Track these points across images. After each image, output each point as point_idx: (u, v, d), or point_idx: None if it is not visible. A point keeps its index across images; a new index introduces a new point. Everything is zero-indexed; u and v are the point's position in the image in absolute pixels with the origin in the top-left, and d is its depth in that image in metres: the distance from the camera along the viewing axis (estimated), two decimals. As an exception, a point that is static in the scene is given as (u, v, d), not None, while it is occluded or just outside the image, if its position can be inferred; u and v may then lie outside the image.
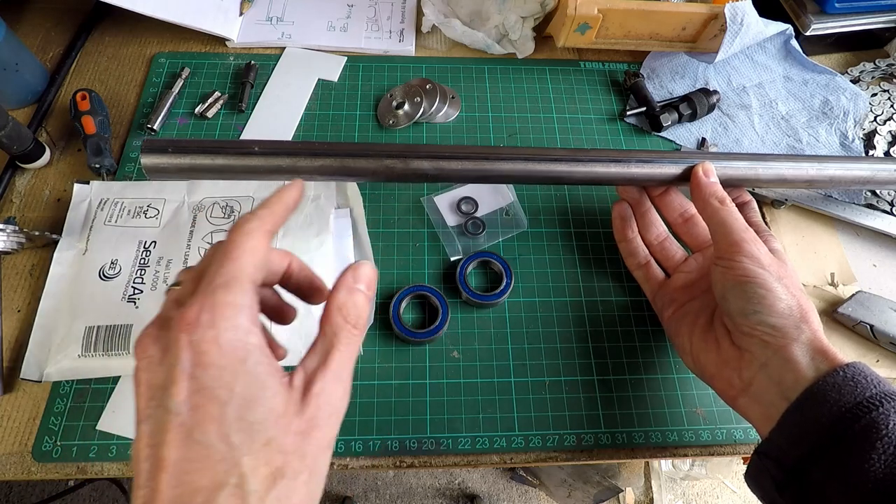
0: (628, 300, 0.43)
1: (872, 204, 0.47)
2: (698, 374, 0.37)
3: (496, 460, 0.38)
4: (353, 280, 0.27)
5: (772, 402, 0.31)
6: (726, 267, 0.34)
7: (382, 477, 1.21)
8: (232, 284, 0.23)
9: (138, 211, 0.43)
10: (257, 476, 0.21)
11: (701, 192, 0.36)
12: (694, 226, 0.41)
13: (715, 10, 0.49)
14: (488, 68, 0.55)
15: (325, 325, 0.25)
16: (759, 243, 0.34)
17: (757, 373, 0.32)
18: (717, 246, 0.35)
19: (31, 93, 0.49)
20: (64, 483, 1.09)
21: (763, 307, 0.32)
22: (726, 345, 0.34)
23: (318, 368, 0.24)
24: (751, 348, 0.32)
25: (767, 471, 0.30)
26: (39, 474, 0.36)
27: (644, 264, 0.42)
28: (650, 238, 0.43)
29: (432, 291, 0.41)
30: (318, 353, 0.25)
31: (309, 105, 0.51)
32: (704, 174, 0.37)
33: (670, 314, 0.39)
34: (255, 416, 0.22)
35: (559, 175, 0.37)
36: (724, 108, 0.53)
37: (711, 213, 0.36)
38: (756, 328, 0.32)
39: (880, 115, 0.52)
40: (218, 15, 0.53)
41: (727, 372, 0.34)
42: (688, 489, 1.25)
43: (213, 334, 0.21)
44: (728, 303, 0.34)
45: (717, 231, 0.35)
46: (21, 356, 0.38)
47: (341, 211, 0.44)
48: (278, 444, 0.22)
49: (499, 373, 0.40)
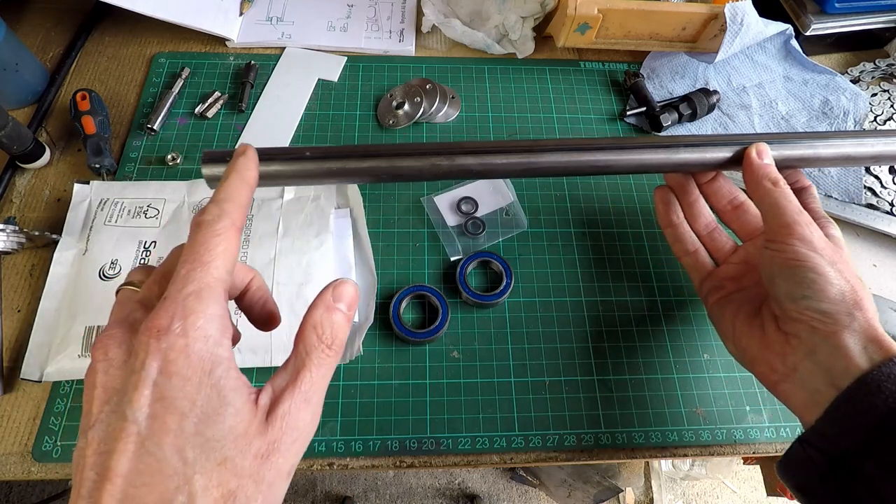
0: (628, 300, 0.43)
1: (872, 204, 0.47)
2: (738, 359, 0.36)
3: (496, 460, 0.38)
4: (333, 298, 0.25)
5: (818, 389, 0.30)
6: (776, 250, 0.32)
7: (382, 477, 1.21)
8: (204, 292, 0.22)
9: (138, 211, 0.43)
10: (207, 497, 0.19)
11: (753, 174, 0.35)
12: (744, 213, 0.39)
13: (715, 10, 0.49)
14: (488, 68, 0.55)
15: (299, 343, 0.24)
16: (813, 226, 0.32)
17: (803, 359, 0.31)
18: (767, 228, 0.34)
19: (31, 93, 0.49)
20: (64, 483, 1.09)
21: (813, 292, 0.30)
22: (772, 329, 0.33)
23: (287, 388, 0.23)
24: (798, 333, 0.31)
25: (811, 460, 0.29)
26: (39, 474, 0.36)
27: (692, 251, 0.41)
28: (699, 228, 0.41)
29: (432, 291, 0.41)
30: (288, 372, 0.23)
31: (309, 105, 0.51)
32: (758, 155, 0.35)
33: (715, 300, 0.38)
34: (213, 433, 0.20)
35: (605, 164, 0.36)
36: (724, 108, 0.53)
37: (763, 194, 0.34)
38: (804, 313, 0.30)
39: (880, 115, 0.52)
40: (218, 15, 0.53)
41: (770, 356, 0.32)
42: (688, 489, 1.25)
43: (184, 343, 0.20)
44: (776, 286, 0.32)
45: (768, 213, 0.34)
46: (21, 356, 0.38)
47: (341, 211, 0.44)
48: (234, 466, 0.20)
49: (499, 373, 0.40)
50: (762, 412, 0.40)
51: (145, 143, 0.48)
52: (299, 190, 0.45)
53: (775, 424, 0.40)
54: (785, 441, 0.39)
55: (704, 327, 0.43)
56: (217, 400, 0.21)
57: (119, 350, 0.22)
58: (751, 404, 0.40)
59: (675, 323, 0.43)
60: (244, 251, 0.41)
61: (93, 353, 0.22)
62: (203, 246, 0.22)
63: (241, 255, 0.41)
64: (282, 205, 0.44)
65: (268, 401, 0.22)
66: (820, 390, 0.29)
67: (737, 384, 0.41)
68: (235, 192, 0.25)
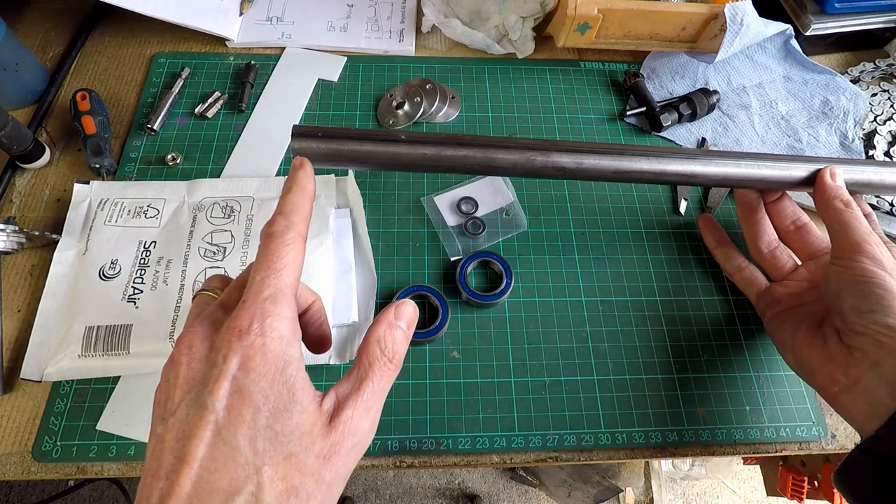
0: (628, 300, 0.43)
1: (873, 204, 0.47)
2: (797, 370, 0.36)
3: (496, 460, 0.38)
4: (395, 316, 0.27)
5: (881, 401, 0.30)
6: (844, 266, 0.33)
7: (382, 477, 1.21)
8: (278, 297, 0.24)
9: (138, 211, 0.43)
10: (273, 489, 0.21)
11: (825, 194, 0.36)
12: (807, 234, 0.40)
13: (715, 10, 0.49)
14: (488, 68, 0.55)
15: (363, 355, 0.26)
16: (882, 246, 0.33)
17: (867, 371, 0.31)
18: (836, 245, 0.35)
19: (31, 93, 0.49)
20: (64, 483, 1.09)
21: (881, 307, 0.31)
22: (833, 342, 0.33)
23: (350, 395, 0.24)
24: (862, 347, 0.32)
25: (869, 468, 0.29)
26: (39, 474, 0.36)
27: (744, 268, 0.42)
28: (761, 245, 0.42)
29: (432, 291, 0.41)
30: (352, 381, 0.25)
31: (309, 105, 0.51)
32: (831, 177, 0.37)
33: (773, 314, 0.39)
34: (282, 428, 0.22)
35: (691, 175, 0.37)
36: (724, 108, 0.53)
37: (834, 213, 0.35)
38: (870, 327, 0.31)
39: (880, 115, 0.52)
40: (218, 15, 0.54)
41: (831, 368, 0.33)
42: (688, 489, 1.25)
43: (262, 342, 0.22)
44: (842, 301, 0.33)
45: (837, 232, 0.35)
46: (21, 356, 0.38)
47: (341, 211, 0.44)
48: (298, 462, 0.22)
49: (499, 373, 0.40)
50: (762, 412, 0.40)
51: (145, 143, 0.48)
52: (299, 190, 0.45)
53: (775, 424, 0.40)
54: (785, 441, 0.39)
55: (704, 327, 0.43)
56: (287, 396, 0.22)
57: (202, 345, 0.24)
58: (751, 404, 0.40)
59: (676, 323, 0.43)
60: (244, 251, 0.41)
61: (177, 346, 0.24)
62: (275, 254, 0.25)
63: (241, 256, 0.41)
64: (282, 205, 0.44)
65: (331, 406, 0.24)
66: (883, 402, 0.30)
67: (737, 384, 0.41)
68: (299, 204, 0.27)
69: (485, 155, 0.35)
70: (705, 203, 0.48)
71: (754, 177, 0.37)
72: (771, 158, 0.38)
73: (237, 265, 0.40)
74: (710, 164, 0.37)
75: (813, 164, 0.37)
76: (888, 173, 0.39)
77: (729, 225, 0.47)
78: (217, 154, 0.48)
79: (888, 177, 0.39)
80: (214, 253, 0.41)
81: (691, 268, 0.45)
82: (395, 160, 0.34)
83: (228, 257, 0.41)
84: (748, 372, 0.41)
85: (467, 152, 0.35)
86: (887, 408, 0.30)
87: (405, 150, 0.34)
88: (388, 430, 0.38)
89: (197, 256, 0.41)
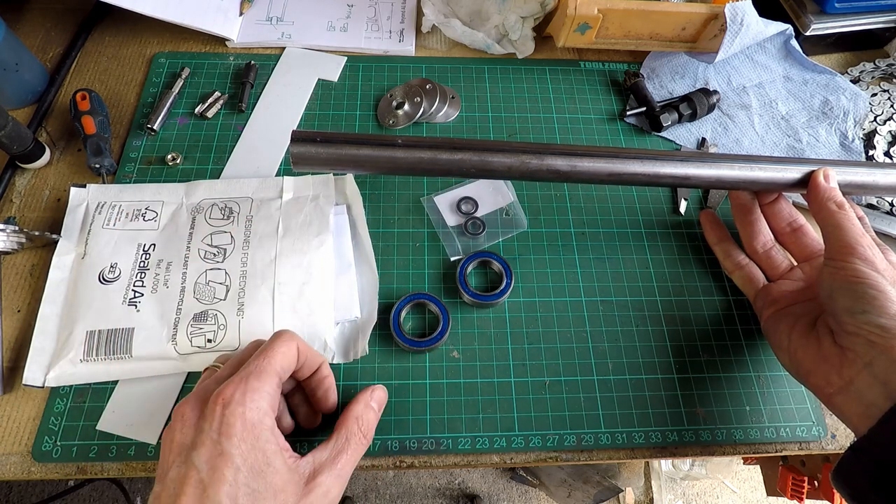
0: (628, 300, 0.43)
1: (872, 204, 0.47)
2: (792, 371, 0.36)
3: (496, 460, 0.38)
4: (372, 398, 0.33)
5: (874, 401, 0.30)
6: (837, 268, 0.33)
7: (382, 477, 1.21)
8: (262, 374, 0.28)
9: (136, 214, 0.43)
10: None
11: (819, 196, 0.36)
12: (803, 236, 0.40)
13: (715, 10, 0.49)
14: (488, 68, 0.55)
15: (342, 428, 0.31)
16: (874, 248, 0.34)
17: (860, 371, 0.31)
18: (829, 247, 0.35)
19: (31, 93, 0.49)
20: (64, 483, 1.09)
21: (873, 307, 0.31)
22: (827, 343, 0.34)
23: (326, 463, 0.29)
24: (855, 347, 0.32)
25: (862, 467, 0.30)
26: (39, 474, 0.36)
27: (744, 265, 0.42)
28: (756, 246, 0.42)
29: (432, 299, 0.41)
30: (330, 451, 0.30)
31: (309, 105, 0.51)
32: (825, 179, 0.37)
33: (770, 313, 0.39)
34: (258, 486, 0.26)
35: (685, 177, 0.37)
36: (724, 108, 0.53)
37: (827, 215, 0.35)
38: (863, 327, 0.31)
39: (880, 115, 0.52)
40: (218, 15, 0.53)
41: (825, 369, 0.33)
42: (688, 489, 1.25)
43: (241, 410, 0.26)
44: (835, 301, 0.33)
45: (831, 234, 0.35)
46: (21, 356, 0.38)
47: (338, 208, 0.44)
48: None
49: (499, 373, 0.40)
50: (762, 412, 0.40)
51: (145, 143, 0.48)
52: (298, 190, 0.45)
53: (775, 424, 0.40)
54: (785, 441, 0.39)
55: (704, 327, 0.43)
56: (262, 459, 0.26)
57: (193, 413, 0.28)
58: (751, 404, 0.40)
59: (676, 323, 0.43)
60: (244, 253, 0.41)
61: (174, 414, 0.28)
62: (270, 345, 0.30)
63: (241, 257, 0.41)
64: (281, 205, 0.44)
65: (308, 470, 0.28)
66: (876, 403, 0.30)
67: (737, 384, 0.41)
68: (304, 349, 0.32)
69: (480, 158, 0.35)
70: (705, 203, 0.48)
71: (748, 179, 0.38)
72: (765, 161, 0.38)
73: (237, 266, 0.40)
74: (704, 167, 0.37)
75: (806, 166, 0.38)
76: (881, 175, 0.39)
77: (728, 225, 0.47)
78: (217, 154, 0.48)
79: (881, 178, 0.39)
80: (214, 254, 0.41)
81: (691, 268, 0.45)
82: (392, 164, 0.35)
83: (229, 258, 0.41)
84: (748, 372, 0.41)
85: (463, 156, 0.35)
86: (880, 408, 0.30)
87: (402, 155, 0.35)
88: (388, 430, 0.38)
89: (197, 258, 0.41)
